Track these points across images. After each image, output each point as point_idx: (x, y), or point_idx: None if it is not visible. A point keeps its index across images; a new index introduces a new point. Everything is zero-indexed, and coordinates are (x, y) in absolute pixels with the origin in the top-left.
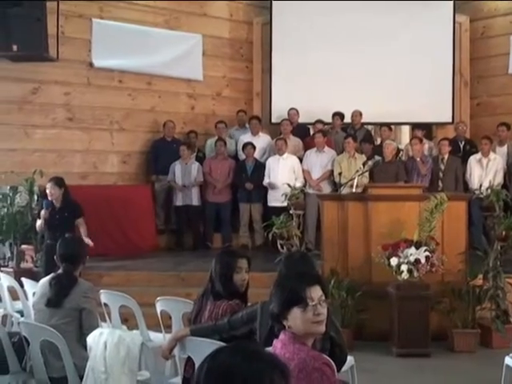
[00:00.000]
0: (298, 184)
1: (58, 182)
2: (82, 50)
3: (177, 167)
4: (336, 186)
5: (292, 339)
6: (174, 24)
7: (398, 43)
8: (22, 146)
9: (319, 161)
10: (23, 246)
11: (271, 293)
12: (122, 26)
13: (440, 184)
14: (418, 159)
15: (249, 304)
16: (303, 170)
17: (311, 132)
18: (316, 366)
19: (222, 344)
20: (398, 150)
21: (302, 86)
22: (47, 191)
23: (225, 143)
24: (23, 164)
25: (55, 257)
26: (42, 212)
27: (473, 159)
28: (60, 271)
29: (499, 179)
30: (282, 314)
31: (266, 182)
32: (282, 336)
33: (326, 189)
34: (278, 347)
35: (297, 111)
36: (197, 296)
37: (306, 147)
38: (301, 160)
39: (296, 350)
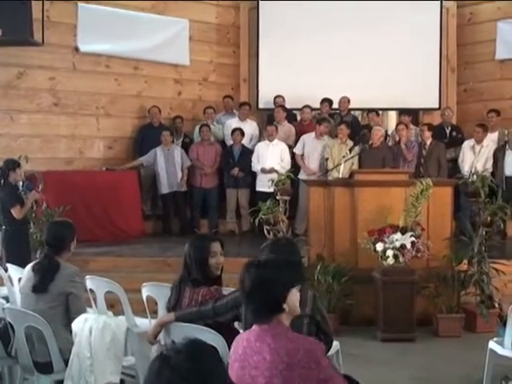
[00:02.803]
0: (285, 169)
1: None
2: (67, 35)
3: (159, 153)
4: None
5: (283, 326)
6: (160, 9)
7: (385, 28)
8: (6, 131)
9: (318, 148)
10: None
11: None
12: (108, 11)
13: (421, 170)
14: (403, 145)
15: (223, 288)
16: (297, 155)
17: (298, 118)
18: (321, 354)
19: (208, 329)
20: (386, 135)
21: (289, 72)
22: (20, 173)
23: (209, 128)
24: (8, 149)
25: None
26: (32, 194)
27: (466, 145)
28: (42, 256)
29: (488, 165)
30: (285, 298)
31: (257, 167)
32: (265, 327)
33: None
34: (270, 341)
35: (283, 98)
36: (173, 283)
37: (296, 133)
38: (290, 146)
39: (296, 339)
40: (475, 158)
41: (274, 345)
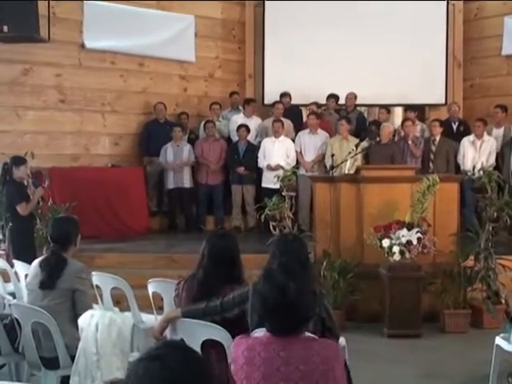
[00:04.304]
0: (291, 166)
1: None
2: (73, 31)
3: (168, 149)
4: (326, 169)
5: (305, 332)
6: (166, 5)
7: (391, 24)
8: (13, 127)
9: (312, 142)
10: None
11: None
12: (113, 7)
13: (431, 165)
14: (410, 142)
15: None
16: (297, 152)
17: (303, 113)
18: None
19: (214, 325)
20: (394, 131)
21: (295, 68)
22: (27, 171)
23: (214, 125)
24: (14, 146)
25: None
26: (38, 191)
27: (466, 141)
28: (49, 252)
29: (492, 161)
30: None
31: (263, 163)
32: (308, 334)
33: (319, 171)
34: (300, 350)
35: (290, 96)
36: (189, 282)
37: (302, 130)
38: (293, 141)
39: (325, 344)
40: (477, 153)
41: (306, 353)
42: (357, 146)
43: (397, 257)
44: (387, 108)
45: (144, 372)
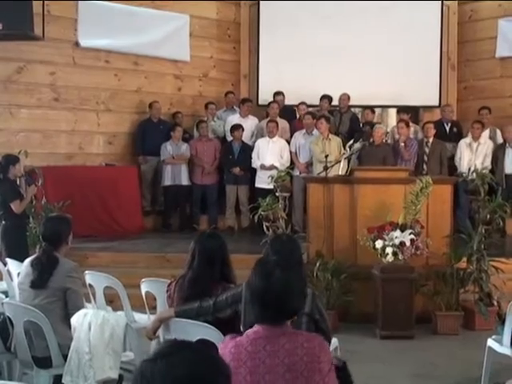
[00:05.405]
0: (285, 166)
1: None
2: (68, 30)
3: (168, 147)
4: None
5: (289, 326)
6: (161, 4)
7: (385, 26)
8: (6, 126)
9: (308, 143)
10: None
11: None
12: (108, 6)
13: (424, 167)
14: (402, 144)
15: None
16: (291, 152)
17: (297, 114)
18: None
19: (207, 325)
20: (385, 133)
21: (290, 68)
22: (20, 169)
23: (207, 124)
24: (8, 144)
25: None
26: (32, 189)
27: (463, 143)
28: (41, 251)
29: (487, 163)
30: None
31: (257, 164)
32: (274, 329)
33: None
34: (285, 342)
35: (283, 95)
36: (180, 282)
37: (294, 130)
38: (288, 142)
39: (308, 336)
40: (473, 155)
41: (290, 345)
42: (350, 147)
43: (390, 258)
44: (372, 109)
45: (163, 369)
